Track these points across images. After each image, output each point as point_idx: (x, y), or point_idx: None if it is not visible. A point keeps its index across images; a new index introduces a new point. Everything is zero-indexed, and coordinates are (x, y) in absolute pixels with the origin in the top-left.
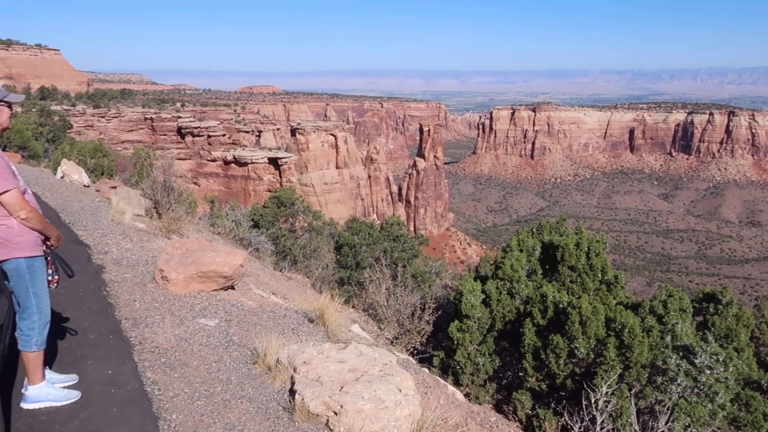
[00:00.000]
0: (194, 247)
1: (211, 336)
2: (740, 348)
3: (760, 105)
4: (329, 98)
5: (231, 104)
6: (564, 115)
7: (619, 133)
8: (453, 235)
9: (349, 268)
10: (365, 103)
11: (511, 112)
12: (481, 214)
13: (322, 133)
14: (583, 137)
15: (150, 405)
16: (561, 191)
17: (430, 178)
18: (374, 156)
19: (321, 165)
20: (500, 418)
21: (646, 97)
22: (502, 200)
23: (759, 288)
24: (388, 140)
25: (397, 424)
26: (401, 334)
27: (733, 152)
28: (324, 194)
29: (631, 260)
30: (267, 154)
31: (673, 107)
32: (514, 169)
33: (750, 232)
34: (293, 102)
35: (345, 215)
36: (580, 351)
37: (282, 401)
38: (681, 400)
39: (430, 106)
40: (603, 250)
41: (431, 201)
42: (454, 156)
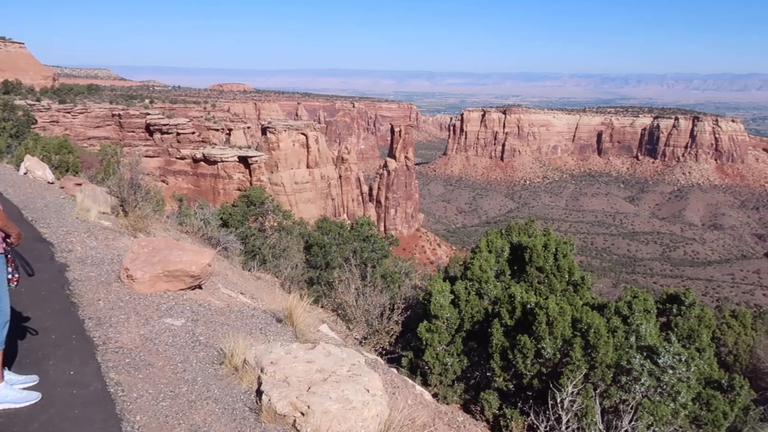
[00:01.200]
0: (161, 245)
1: (178, 336)
2: (702, 348)
3: (723, 111)
4: (301, 97)
5: (201, 102)
6: (534, 117)
7: (588, 136)
8: (423, 235)
9: (319, 268)
10: (337, 102)
11: (481, 114)
12: (451, 215)
13: (293, 132)
14: (553, 140)
15: (113, 406)
16: (530, 193)
17: (401, 178)
18: (345, 156)
19: (292, 164)
20: (468, 418)
21: (614, 101)
22: (472, 201)
23: (720, 289)
24: (359, 140)
25: (365, 424)
26: (370, 334)
27: (697, 156)
28: (294, 194)
29: (597, 262)
30: (237, 152)
31: (639, 111)
32: (484, 170)
33: (712, 235)
34: (264, 100)
35: (315, 215)
36: (547, 351)
37: (249, 402)
38: (644, 399)
39: (401, 107)
40: (570, 251)
41: (402, 201)
42: (425, 157)
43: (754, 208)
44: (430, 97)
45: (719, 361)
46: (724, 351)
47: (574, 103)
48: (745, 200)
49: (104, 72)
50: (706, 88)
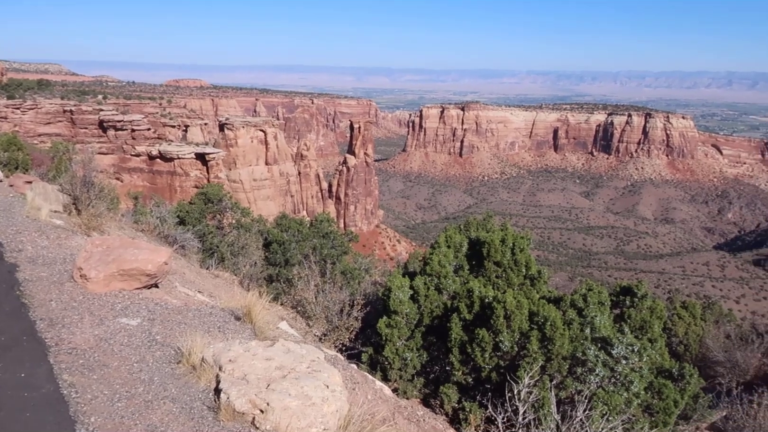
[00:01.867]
0: (116, 244)
1: (133, 336)
2: (654, 339)
3: (674, 108)
4: (259, 93)
5: (156, 98)
6: (492, 114)
7: (544, 132)
8: (383, 231)
9: (278, 266)
10: (296, 99)
11: (440, 111)
12: (410, 211)
13: (252, 128)
14: (510, 136)
15: (66, 408)
16: (488, 189)
17: (361, 175)
18: (304, 152)
19: (250, 161)
20: (427, 412)
21: (569, 98)
22: (431, 197)
23: (672, 281)
24: (318, 137)
25: (324, 420)
26: (330, 330)
27: (649, 152)
28: (253, 191)
29: (554, 256)
30: (194, 149)
31: (594, 108)
32: (443, 166)
33: (664, 229)
34: (222, 96)
35: (274, 212)
36: (505, 344)
37: (207, 400)
38: (599, 389)
39: (360, 103)
40: (527, 246)
41: (361, 198)
42: (385, 153)
43: (703, 202)
44: (389, 94)
45: (670, 351)
46: (675, 341)
47: (531, 100)
48: (695, 195)
49: (55, 67)
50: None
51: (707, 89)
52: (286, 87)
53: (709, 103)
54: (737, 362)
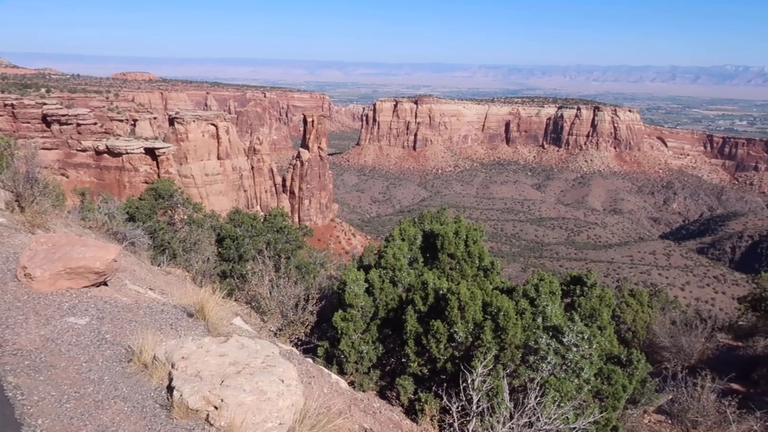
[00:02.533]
0: (62, 242)
1: (82, 335)
2: (603, 326)
3: (621, 101)
4: (210, 87)
5: (103, 91)
6: (445, 107)
7: (496, 125)
8: (338, 225)
9: (232, 261)
10: (248, 92)
11: (394, 104)
12: (365, 205)
13: (203, 122)
14: (463, 129)
15: (12, 411)
16: (442, 182)
17: (315, 169)
18: (257, 147)
19: (201, 156)
20: (384, 404)
21: (520, 91)
22: (385, 191)
23: (620, 270)
24: (271, 131)
25: (280, 414)
26: (285, 325)
27: (598, 145)
28: (205, 186)
29: (507, 247)
30: (143, 144)
31: (545, 102)
32: (397, 160)
33: (613, 219)
34: (171, 90)
35: (227, 207)
36: (459, 335)
37: (159, 398)
38: (551, 377)
39: (314, 97)
40: (480, 237)
41: (315, 192)
42: (339, 147)
43: (649, 193)
44: (342, 87)
45: (619, 338)
46: (624, 328)
47: (483, 94)
48: (641, 186)
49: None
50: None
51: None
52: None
53: (654, 96)
54: (682, 347)
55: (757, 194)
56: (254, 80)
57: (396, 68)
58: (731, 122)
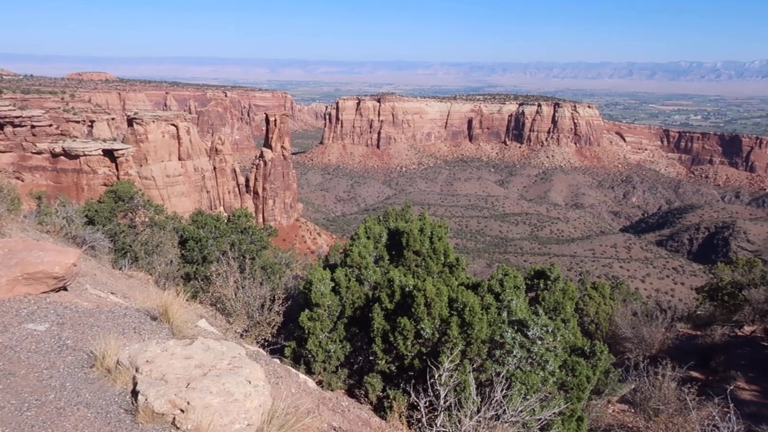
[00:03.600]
0: (19, 246)
1: (41, 341)
2: (567, 319)
3: (580, 97)
4: (169, 86)
5: (58, 92)
6: (408, 105)
7: (459, 123)
8: (303, 225)
9: (196, 263)
10: (208, 92)
11: (356, 103)
12: (330, 204)
13: (163, 123)
14: (426, 127)
15: None
16: (406, 179)
17: (278, 168)
18: (219, 147)
19: (162, 157)
20: (352, 402)
21: (482, 89)
22: (350, 189)
23: (583, 264)
24: (233, 130)
25: (248, 415)
26: (251, 326)
27: (558, 140)
28: (166, 187)
29: (472, 243)
30: (101, 145)
31: (506, 98)
32: (361, 158)
33: (575, 214)
34: (129, 90)
35: (190, 208)
36: (426, 331)
37: (124, 404)
38: (517, 370)
39: (276, 96)
40: (445, 234)
41: (280, 192)
42: (302, 146)
43: (609, 187)
44: (305, 86)
45: (582, 330)
46: (587, 320)
47: (446, 91)
48: (602, 180)
49: None
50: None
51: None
52: (197, 80)
53: (612, 92)
54: (643, 338)
55: (712, 187)
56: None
57: (358, 66)
58: (686, 117)
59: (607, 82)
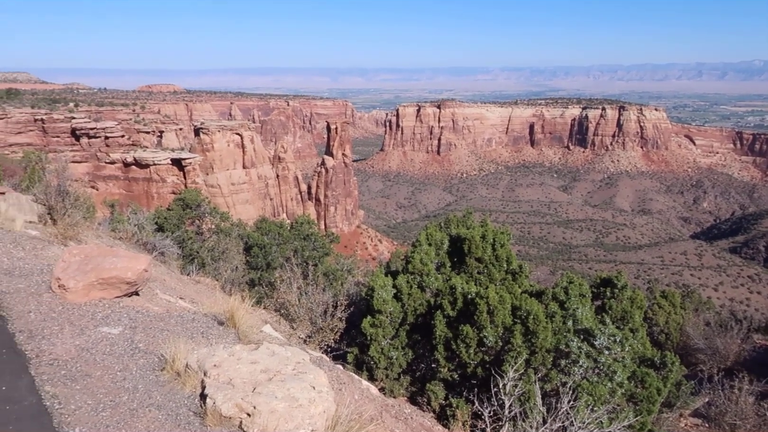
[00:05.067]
0: (94, 253)
1: (115, 344)
2: (635, 328)
3: (646, 100)
4: (233, 97)
5: (129, 104)
6: (468, 111)
7: (520, 128)
8: (364, 232)
9: (260, 269)
10: (271, 101)
11: (416, 109)
12: (390, 211)
13: (228, 132)
14: (487, 132)
15: (50, 420)
16: (467, 186)
17: (339, 175)
18: (282, 155)
19: (227, 165)
20: (415, 410)
21: (543, 93)
22: (411, 196)
23: (651, 272)
24: (295, 139)
25: (312, 421)
26: (314, 332)
27: (624, 145)
28: (231, 195)
29: (535, 250)
30: (170, 155)
31: (569, 103)
32: (421, 165)
33: (642, 220)
34: (196, 101)
35: (254, 216)
36: (489, 339)
37: (193, 406)
38: (583, 380)
39: (337, 104)
40: (507, 241)
41: (341, 199)
42: (363, 153)
43: (679, 192)
44: (365, 94)
45: (652, 340)
46: (656, 330)
47: (506, 96)
48: (670, 185)
49: (23, 75)
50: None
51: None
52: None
53: (680, 94)
54: (717, 349)
55: None
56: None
57: (418, 73)
58: (761, 118)
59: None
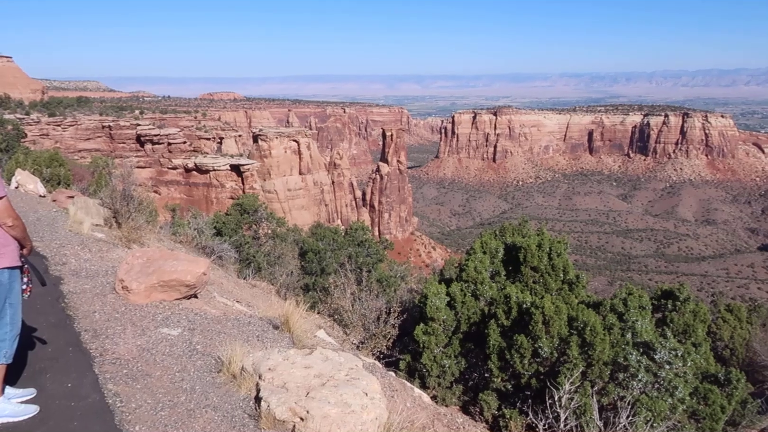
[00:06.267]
0: (155, 256)
1: (174, 345)
2: (698, 343)
3: (712, 106)
4: (291, 104)
5: (191, 111)
6: (524, 118)
7: (578, 135)
8: (417, 239)
9: (314, 274)
10: (327, 108)
11: (472, 116)
12: (444, 218)
13: (285, 139)
14: (544, 140)
15: (112, 417)
16: (523, 193)
17: (394, 182)
18: (337, 161)
19: (284, 171)
20: (467, 419)
21: (603, 99)
22: (465, 203)
23: (715, 284)
24: (351, 145)
25: (364, 427)
26: (367, 338)
27: (687, 153)
28: (287, 200)
29: (592, 260)
30: (229, 161)
31: (629, 109)
32: (476, 172)
33: (706, 231)
34: (255, 108)
35: (309, 221)
36: (544, 350)
37: (248, 409)
38: (642, 395)
39: (392, 111)
40: (564, 250)
41: (395, 205)
42: (417, 160)
43: (746, 202)
44: (421, 101)
45: (716, 356)
46: (721, 345)
47: (564, 103)
48: (737, 195)
49: (93, 84)
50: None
51: (746, 86)
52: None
53: (749, 100)
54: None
55: None
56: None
57: (474, 80)
58: None
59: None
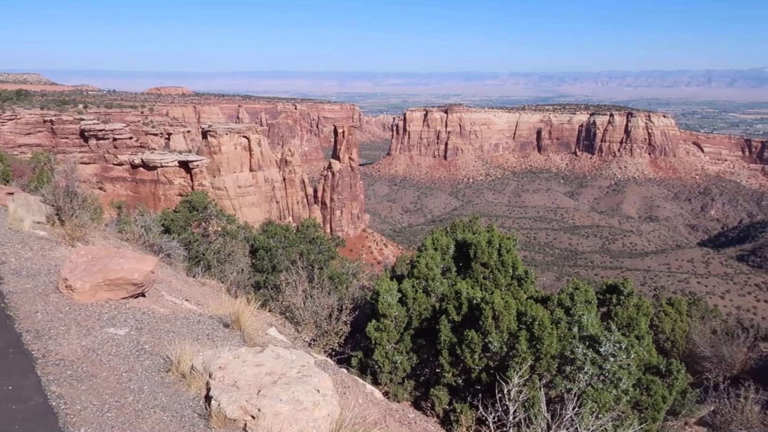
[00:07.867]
0: (101, 254)
1: (121, 345)
2: (641, 336)
3: (655, 106)
4: (241, 100)
5: (138, 106)
6: (475, 116)
7: (528, 133)
8: (369, 236)
9: (265, 272)
10: (279, 104)
11: (424, 114)
12: (396, 215)
13: (235, 135)
14: (494, 138)
15: (56, 420)
16: (473, 191)
17: (346, 179)
18: (289, 158)
19: (234, 168)
20: (419, 415)
21: (551, 99)
22: (417, 200)
23: (657, 279)
24: (302, 142)
25: (316, 424)
26: (319, 335)
27: (632, 151)
28: (238, 197)
29: (540, 256)
30: (177, 157)
31: (576, 108)
32: (428, 169)
33: (648, 227)
34: (204, 104)
35: (260, 218)
36: (494, 345)
37: (198, 408)
38: (588, 387)
39: (344, 108)
40: (513, 246)
41: (347, 202)
42: (369, 157)
43: (686, 199)
44: (373, 98)
45: (657, 348)
46: (662, 337)
47: (514, 102)
48: (678, 192)
49: (34, 77)
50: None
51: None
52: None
53: (689, 101)
54: (724, 357)
55: None
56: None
57: (426, 78)
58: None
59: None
